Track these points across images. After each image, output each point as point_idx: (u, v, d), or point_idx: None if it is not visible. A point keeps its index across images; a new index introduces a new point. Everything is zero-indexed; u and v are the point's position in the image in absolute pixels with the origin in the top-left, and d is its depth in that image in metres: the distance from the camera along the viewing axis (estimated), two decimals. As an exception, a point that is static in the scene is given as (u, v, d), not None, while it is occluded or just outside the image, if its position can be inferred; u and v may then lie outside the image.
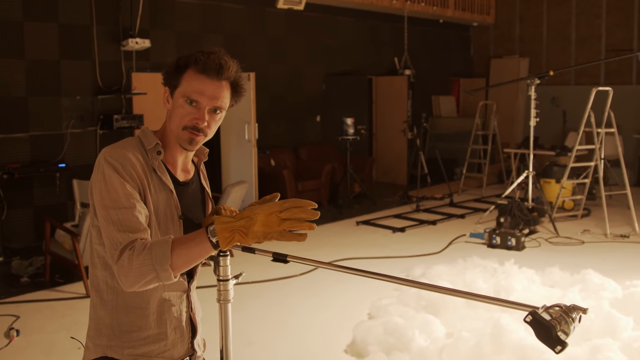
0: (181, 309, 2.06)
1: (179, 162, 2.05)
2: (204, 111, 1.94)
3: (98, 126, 8.34)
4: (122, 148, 1.92)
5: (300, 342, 5.06)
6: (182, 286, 2.05)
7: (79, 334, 5.06)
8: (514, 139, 13.80)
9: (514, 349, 4.38)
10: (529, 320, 1.43)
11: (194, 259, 1.77)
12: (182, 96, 1.93)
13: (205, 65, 1.92)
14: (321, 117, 11.94)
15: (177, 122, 1.96)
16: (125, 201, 1.82)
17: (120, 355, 1.98)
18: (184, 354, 2.08)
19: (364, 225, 9.19)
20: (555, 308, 1.46)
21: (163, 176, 1.96)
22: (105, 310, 1.98)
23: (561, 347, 1.40)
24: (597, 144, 8.86)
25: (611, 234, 8.33)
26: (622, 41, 12.88)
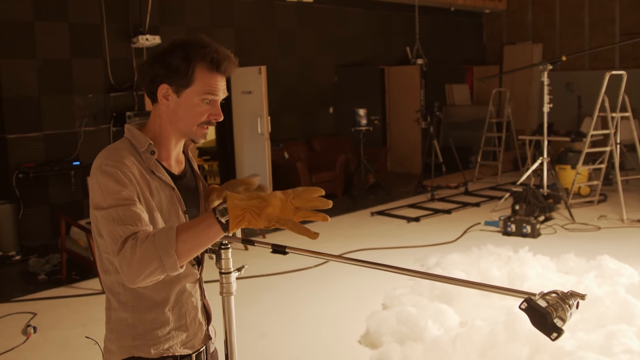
0: (196, 298, 2.08)
1: (172, 156, 2.03)
2: (219, 106, 1.95)
3: (111, 124, 8.39)
4: (117, 155, 1.88)
5: (314, 334, 5.06)
6: (195, 275, 2.06)
7: (94, 330, 5.12)
8: (529, 125, 13.70)
9: (527, 337, 4.35)
10: (524, 308, 1.41)
11: (201, 244, 1.72)
12: (199, 95, 1.91)
13: (219, 64, 1.91)
14: (334, 108, 11.92)
15: (191, 121, 1.93)
16: (124, 200, 1.79)
17: (147, 354, 1.98)
18: (202, 342, 2.11)
19: (378, 215, 9.18)
20: (552, 294, 1.45)
21: (162, 175, 1.95)
22: (126, 311, 1.97)
23: (557, 334, 1.38)
24: (612, 128, 8.77)
25: (628, 219, 8.25)
26: (636, 24, 12.72)
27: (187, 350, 2.05)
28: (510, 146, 12.95)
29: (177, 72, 1.89)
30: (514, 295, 1.49)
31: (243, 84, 9.55)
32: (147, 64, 1.95)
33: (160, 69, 1.91)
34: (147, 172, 1.91)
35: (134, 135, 1.95)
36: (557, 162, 9.85)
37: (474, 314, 5.00)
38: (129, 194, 1.80)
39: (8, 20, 7.53)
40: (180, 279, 2.01)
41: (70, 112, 8.10)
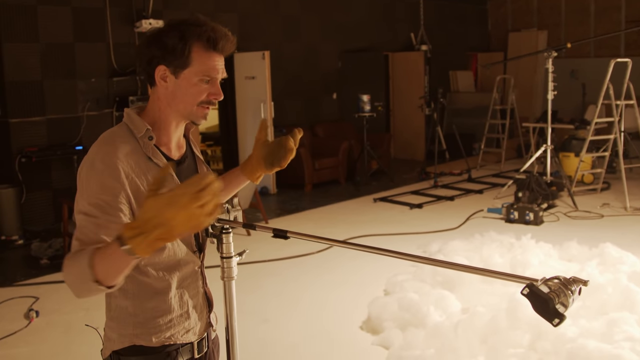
0: (198, 285, 2.07)
1: (173, 140, 2.00)
2: (219, 85, 1.93)
3: (114, 108, 8.38)
4: (113, 143, 1.85)
5: (315, 319, 5.07)
6: (196, 262, 2.05)
7: (95, 315, 5.13)
8: (532, 113, 13.65)
9: (529, 323, 4.36)
10: (525, 293, 1.40)
11: (121, 269, 1.59)
12: (197, 75, 1.88)
13: (216, 41, 1.87)
14: (337, 94, 11.88)
15: (190, 101, 1.90)
16: (94, 210, 1.74)
17: (148, 342, 1.97)
18: (204, 329, 2.10)
19: (381, 202, 9.17)
20: (554, 280, 1.44)
21: (160, 162, 1.91)
22: (127, 299, 1.95)
23: (559, 319, 1.37)
24: (616, 116, 8.73)
25: (631, 208, 8.23)
26: (642, 11, 12.66)
27: (189, 338, 2.04)
28: (513, 133, 12.91)
29: (173, 52, 1.85)
30: (516, 281, 1.48)
31: (247, 69, 9.53)
32: (143, 46, 1.91)
33: (156, 50, 1.88)
34: (144, 159, 1.88)
35: (132, 120, 1.92)
36: (560, 150, 9.82)
37: (475, 301, 4.99)
38: (106, 201, 1.74)
39: (11, 4, 7.50)
40: (181, 266, 2.00)
41: (73, 97, 8.09)
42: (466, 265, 1.60)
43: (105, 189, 1.76)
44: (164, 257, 1.95)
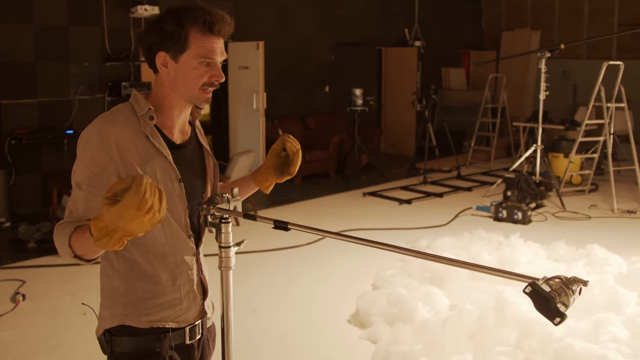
0: (192, 272, 2.08)
1: (176, 125, 2.03)
2: (219, 67, 1.95)
3: (106, 93, 8.34)
4: (111, 119, 1.91)
5: (304, 311, 5.08)
6: (192, 250, 2.06)
7: (84, 299, 5.11)
8: (523, 112, 13.70)
9: (516, 321, 4.39)
10: (528, 292, 1.42)
11: (93, 252, 1.76)
12: (196, 59, 1.90)
13: (212, 25, 1.90)
14: (330, 87, 11.88)
15: (192, 84, 1.93)
16: (84, 181, 1.85)
17: (137, 323, 2.00)
18: (197, 316, 2.11)
19: (370, 196, 9.19)
20: (555, 280, 1.45)
21: (156, 142, 1.94)
22: (119, 279, 1.99)
23: (560, 318, 1.39)
24: (606, 118, 8.79)
25: (618, 210, 8.30)
26: (635, 15, 12.70)
27: (180, 324, 2.06)
28: (504, 132, 12.96)
29: (171, 37, 1.90)
30: (518, 280, 1.49)
31: (240, 59, 9.49)
32: (144, 33, 1.97)
33: (155, 37, 1.93)
34: (142, 138, 1.92)
35: (137, 99, 1.98)
36: (550, 150, 9.87)
37: (463, 298, 5.02)
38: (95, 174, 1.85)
39: (5, -16, 7.45)
40: (175, 252, 2.02)
41: (65, 80, 8.04)
42: (470, 262, 1.61)
43: (95, 161, 1.85)
44: (157, 241, 1.98)
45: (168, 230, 1.99)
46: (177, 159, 2.00)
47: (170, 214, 1.98)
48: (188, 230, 2.05)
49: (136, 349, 2.00)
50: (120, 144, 1.87)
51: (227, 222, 2.03)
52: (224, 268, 2.07)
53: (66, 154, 7.96)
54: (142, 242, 1.96)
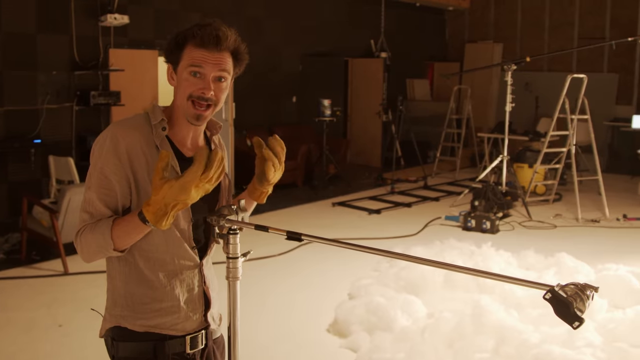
0: (194, 282, 2.09)
1: (188, 138, 2.06)
2: (209, 80, 1.95)
3: (74, 102, 8.24)
4: (124, 126, 1.97)
5: (283, 321, 5.10)
6: (194, 261, 2.09)
7: (58, 312, 5.07)
8: (486, 123, 13.94)
9: (494, 329, 4.48)
10: (548, 298, 1.48)
11: (136, 238, 1.91)
12: (185, 69, 1.95)
13: (203, 38, 1.93)
14: (297, 97, 11.92)
15: (182, 95, 1.97)
16: (97, 184, 1.93)
17: (132, 326, 2.03)
18: (196, 327, 2.12)
19: (339, 206, 9.25)
20: (570, 286, 1.52)
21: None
22: (120, 281, 2.04)
23: (579, 322, 1.45)
24: (571, 130, 9.00)
25: (582, 219, 8.50)
26: (594, 29, 13.06)
27: (176, 332, 2.08)
28: (468, 143, 13.16)
29: (170, 50, 1.99)
30: (535, 287, 1.55)
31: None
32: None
33: (164, 50, 2.04)
34: (152, 147, 1.97)
35: (154, 110, 2.04)
36: (514, 161, 10.06)
37: (440, 306, 5.10)
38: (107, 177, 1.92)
39: (-28, -8, 7.33)
40: (175, 261, 2.05)
41: (33, 89, 7.92)
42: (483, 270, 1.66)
43: (106, 165, 1.92)
44: (157, 248, 2.01)
45: (170, 239, 2.02)
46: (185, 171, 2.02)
47: (174, 224, 2.00)
48: (191, 242, 2.08)
49: (136, 355, 2.03)
50: (130, 151, 1.93)
51: (235, 233, 2.05)
52: (231, 278, 2.10)
53: (33, 164, 7.85)
54: (144, 248, 2.00)
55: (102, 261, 2.06)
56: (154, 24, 9.17)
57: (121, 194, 1.94)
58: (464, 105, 12.76)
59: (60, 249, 6.06)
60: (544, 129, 11.45)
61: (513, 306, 4.99)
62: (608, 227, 8.26)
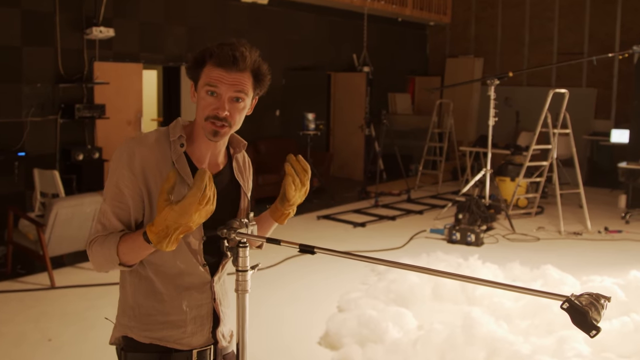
0: (202, 299, 2.09)
1: (206, 155, 2.06)
2: (224, 100, 1.95)
3: (59, 115, 8.20)
4: (142, 141, 1.98)
5: (274, 335, 5.10)
6: (205, 278, 2.09)
7: (47, 327, 5.04)
8: (467, 136, 14.07)
9: (484, 340, 4.53)
10: (565, 308, 1.52)
11: (141, 256, 1.92)
12: (203, 88, 1.96)
13: (220, 58, 1.94)
14: (280, 111, 11.96)
15: (200, 114, 1.99)
16: (112, 196, 1.96)
17: (138, 337, 2.04)
18: (202, 344, 2.12)
19: (324, 219, 9.28)
20: (584, 296, 1.56)
21: (181, 169, 1.98)
22: (130, 291, 2.06)
23: (596, 331, 1.49)
24: (553, 143, 9.13)
25: (565, 232, 8.60)
26: (573, 44, 13.27)
27: (182, 347, 2.08)
28: (449, 156, 13.27)
29: (191, 68, 2.01)
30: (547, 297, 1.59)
31: (194, 82, 9.48)
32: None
33: (187, 67, 2.05)
34: (168, 163, 1.97)
35: (175, 125, 2.05)
36: (497, 174, 10.16)
37: (430, 318, 5.15)
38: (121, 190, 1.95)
39: (-43, 4, 7.29)
40: (185, 277, 2.05)
41: (17, 101, 7.87)
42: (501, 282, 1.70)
43: (121, 178, 1.95)
44: (167, 263, 2.02)
45: (180, 255, 2.02)
46: None
47: (185, 241, 2.01)
48: (201, 259, 2.07)
49: None
50: (145, 165, 1.94)
51: (245, 246, 2.07)
52: (240, 291, 2.11)
53: (17, 177, 7.79)
54: (155, 262, 2.02)
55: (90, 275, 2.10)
56: (139, 37, 9.17)
57: (134, 208, 1.96)
58: (445, 119, 12.87)
59: (47, 263, 6.02)
60: (524, 143, 11.59)
61: (502, 317, 5.04)
62: (590, 239, 8.37)
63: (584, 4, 13.12)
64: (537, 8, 13.73)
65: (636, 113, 10.35)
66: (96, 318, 5.19)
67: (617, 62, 12.68)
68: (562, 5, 13.40)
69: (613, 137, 11.74)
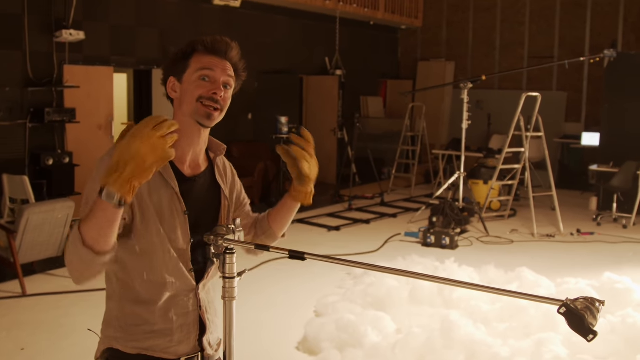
0: (188, 307, 2.06)
1: (188, 156, 2.03)
2: (219, 83, 1.97)
3: (28, 119, 8.05)
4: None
5: (252, 340, 5.04)
6: (190, 284, 2.06)
7: (20, 336, 4.93)
8: (438, 140, 14.13)
9: (463, 344, 4.53)
10: (562, 312, 1.50)
11: (104, 227, 1.66)
12: (194, 74, 1.95)
13: (213, 45, 1.98)
14: (253, 114, 11.90)
15: (190, 98, 1.95)
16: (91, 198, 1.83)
17: (125, 348, 1.99)
18: (189, 351, 2.08)
19: (298, 223, 9.23)
20: (580, 300, 1.54)
21: (164, 172, 1.95)
22: (115, 301, 2.01)
23: (593, 335, 1.48)
24: (526, 146, 9.21)
25: (538, 234, 8.67)
26: (544, 48, 13.41)
27: (169, 356, 2.04)
28: (422, 160, 13.32)
29: (176, 60, 2.00)
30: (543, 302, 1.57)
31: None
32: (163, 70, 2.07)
33: (166, 66, 2.04)
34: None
35: None
36: (470, 177, 10.21)
37: (408, 322, 5.14)
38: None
39: None
40: (172, 284, 2.01)
41: (-15, 106, 7.73)
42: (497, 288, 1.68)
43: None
44: (155, 270, 1.97)
45: (169, 260, 1.99)
46: (185, 191, 2.00)
47: (172, 245, 1.98)
48: (189, 264, 2.05)
49: None
50: None
51: (232, 252, 2.03)
52: (227, 299, 2.07)
53: (-15, 182, 7.63)
54: (141, 268, 1.96)
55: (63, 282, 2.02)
56: (110, 40, 9.05)
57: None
58: (418, 123, 12.92)
59: (18, 270, 5.89)
60: (496, 146, 11.68)
61: (480, 320, 5.05)
62: (563, 241, 8.45)
63: (555, 9, 13.28)
64: (508, 12, 13.86)
65: (606, 116, 10.48)
66: (70, 326, 5.09)
67: (587, 66, 12.85)
68: (533, 9, 13.55)
69: (584, 140, 11.88)
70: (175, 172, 1.99)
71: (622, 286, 5.76)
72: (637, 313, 5.09)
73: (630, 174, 9.53)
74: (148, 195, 1.92)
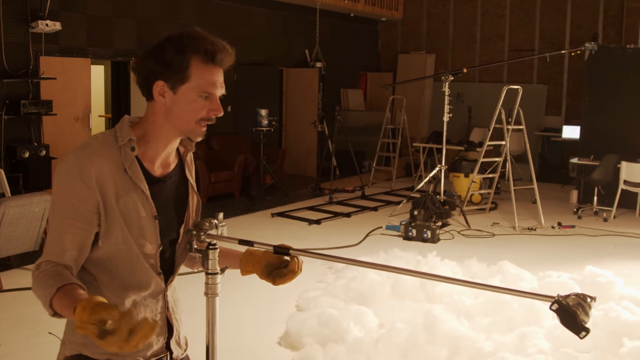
0: (156, 309, 2.02)
1: (160, 157, 1.95)
2: (218, 101, 1.89)
3: (3, 111, 7.89)
4: (90, 150, 1.83)
5: (233, 335, 4.98)
6: (159, 287, 2.02)
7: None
8: (419, 133, 14.12)
9: (446, 338, 4.50)
10: (555, 309, 1.46)
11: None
12: (195, 91, 1.83)
13: (215, 55, 1.84)
14: (232, 107, 11.79)
15: (189, 118, 1.86)
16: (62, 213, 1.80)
17: (93, 354, 1.93)
18: (158, 353, 2.05)
19: (279, 217, 9.17)
20: (571, 296, 1.51)
21: (134, 175, 1.86)
22: None
23: (585, 332, 1.44)
24: (507, 139, 9.21)
25: (519, 227, 8.68)
26: (524, 41, 13.44)
27: (137, 358, 2.00)
28: (402, 152, 13.29)
29: (171, 67, 1.81)
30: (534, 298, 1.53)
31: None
32: (141, 60, 1.87)
33: (154, 65, 1.83)
34: (120, 170, 1.85)
35: (122, 127, 1.90)
36: (450, 170, 10.20)
37: (390, 317, 5.10)
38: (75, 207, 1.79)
39: None
40: (140, 288, 1.97)
41: (-42, 97, 7.57)
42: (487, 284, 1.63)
43: (75, 194, 1.79)
44: (121, 275, 1.93)
45: (137, 266, 1.94)
46: (155, 193, 1.92)
47: (141, 250, 1.92)
48: (157, 268, 2.00)
49: None
50: (99, 176, 1.80)
51: (215, 248, 1.98)
52: (210, 295, 2.03)
53: (-41, 176, 7.47)
54: (108, 273, 1.91)
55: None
56: (87, 31, 8.90)
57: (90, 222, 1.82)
58: (398, 115, 12.88)
59: (-7, 265, 5.78)
60: (476, 139, 11.69)
61: (463, 315, 5.02)
62: (544, 235, 8.46)
63: (535, 1, 13.30)
64: (489, 5, 13.86)
65: (586, 109, 10.51)
66: (48, 322, 4.96)
67: (567, 59, 12.90)
68: (513, 2, 13.56)
69: (564, 133, 11.93)
70: (144, 173, 1.90)
71: (604, 279, 5.76)
72: (619, 306, 5.09)
73: (610, 167, 9.57)
74: (117, 201, 1.84)
